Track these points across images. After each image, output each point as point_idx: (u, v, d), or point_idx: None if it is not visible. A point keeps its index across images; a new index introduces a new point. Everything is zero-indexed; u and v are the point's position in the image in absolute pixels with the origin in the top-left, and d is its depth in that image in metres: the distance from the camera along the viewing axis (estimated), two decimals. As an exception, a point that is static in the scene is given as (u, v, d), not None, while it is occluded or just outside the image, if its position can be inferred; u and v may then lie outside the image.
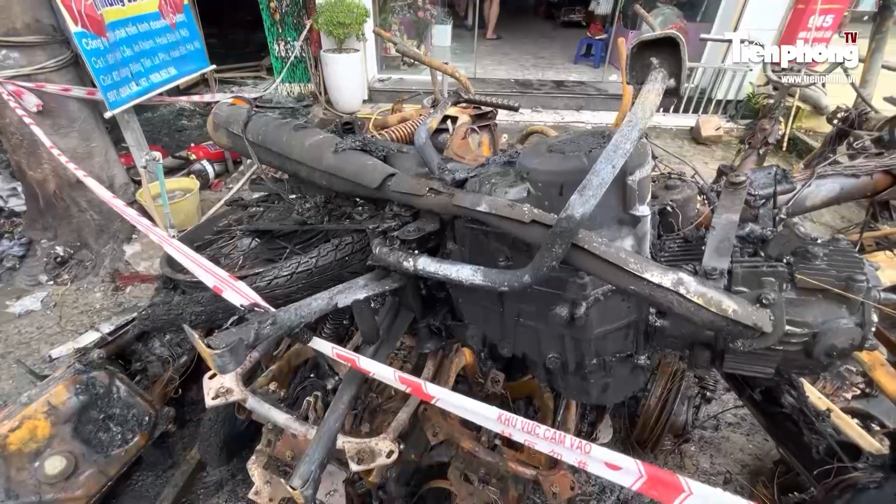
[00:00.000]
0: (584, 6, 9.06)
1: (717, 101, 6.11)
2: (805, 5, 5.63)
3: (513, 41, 8.50)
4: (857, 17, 6.87)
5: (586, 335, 0.77)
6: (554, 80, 6.65)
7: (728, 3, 6.04)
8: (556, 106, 6.25)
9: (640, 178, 0.70)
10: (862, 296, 0.64)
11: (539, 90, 6.34)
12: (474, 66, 6.69)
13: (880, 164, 0.99)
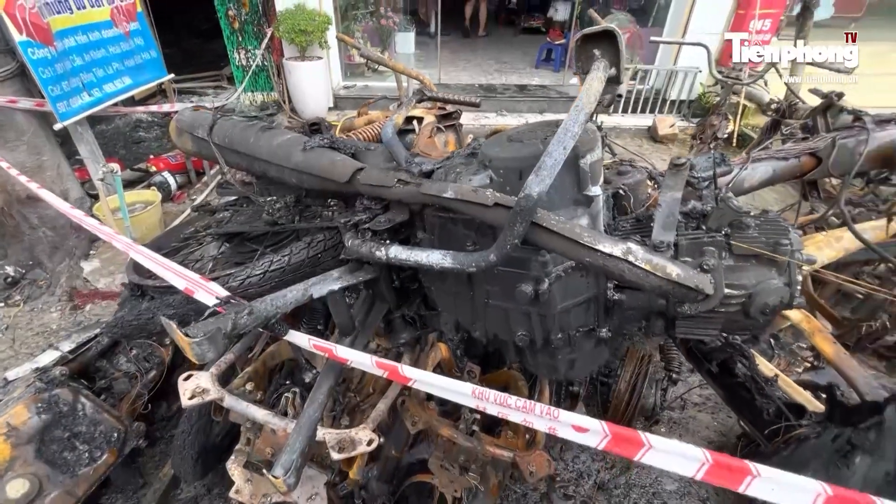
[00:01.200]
0: (543, 13, 9.34)
1: (671, 101, 6.44)
2: (745, 10, 6.01)
3: (474, 47, 8.67)
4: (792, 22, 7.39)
5: (550, 310, 0.82)
6: (517, 84, 6.83)
7: (676, 8, 6.39)
8: (520, 109, 6.41)
9: (592, 161, 0.76)
10: (787, 258, 0.72)
11: (503, 94, 6.50)
12: (439, 71, 6.78)
13: (806, 148, 1.10)
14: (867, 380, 1.07)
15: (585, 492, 2.28)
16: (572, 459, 2.40)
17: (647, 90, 6.43)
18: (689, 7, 6.12)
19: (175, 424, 2.02)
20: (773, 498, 0.64)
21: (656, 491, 2.29)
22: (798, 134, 1.23)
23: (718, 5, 6.03)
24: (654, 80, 6.47)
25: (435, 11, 6.59)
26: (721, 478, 0.67)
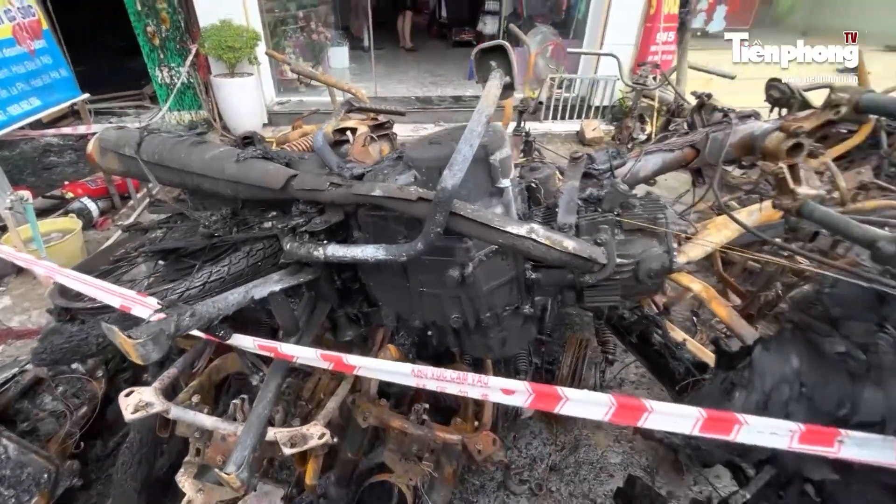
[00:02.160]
0: (473, 27, 9.72)
1: (595, 107, 6.94)
2: (652, 24, 6.62)
3: (409, 60, 8.85)
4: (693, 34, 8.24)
5: (477, 292, 0.92)
6: (452, 95, 7.05)
7: (593, 22, 6.91)
8: (457, 119, 6.61)
9: (501, 157, 0.88)
10: (664, 229, 0.86)
11: (439, 105, 6.69)
12: (374, 85, 6.86)
13: (686, 141, 1.30)
14: (751, 333, 1.27)
15: (539, 475, 2.41)
16: (525, 446, 2.53)
17: (573, 97, 6.89)
18: (604, 21, 6.65)
19: (112, 463, 1.90)
20: (664, 426, 0.76)
21: (603, 465, 2.47)
22: (680, 129, 1.44)
23: (629, 19, 6.61)
24: (579, 88, 6.95)
25: (367, 26, 6.69)
26: (625, 416, 0.79)
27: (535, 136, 6.57)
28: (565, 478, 2.40)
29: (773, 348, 0.92)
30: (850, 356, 0.79)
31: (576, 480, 2.39)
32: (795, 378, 0.85)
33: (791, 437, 0.74)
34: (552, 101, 6.66)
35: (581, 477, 2.41)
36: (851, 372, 0.78)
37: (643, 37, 6.78)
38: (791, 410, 0.85)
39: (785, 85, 1.27)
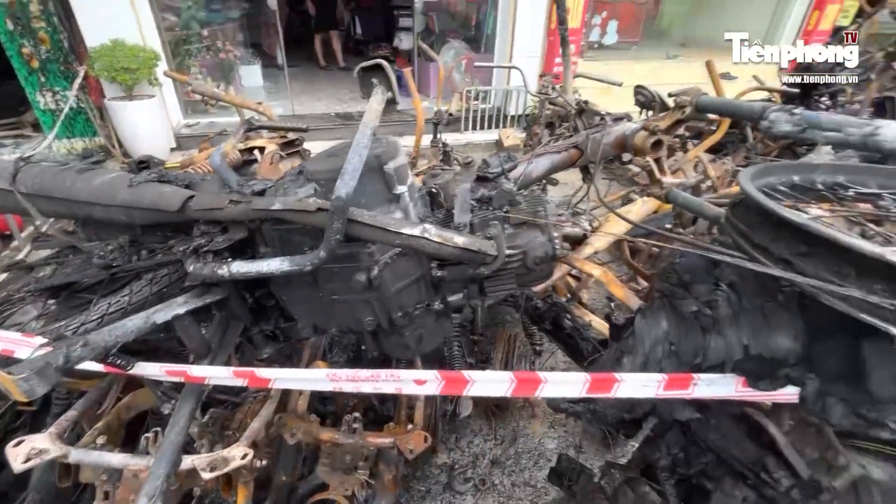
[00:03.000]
0: (389, 42, 9.86)
1: (511, 116, 7.35)
2: (554, 37, 7.15)
3: (327, 77, 8.78)
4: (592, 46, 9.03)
5: (386, 294, 0.97)
6: (372, 110, 7.10)
7: (501, 37, 7.33)
8: (380, 133, 6.66)
9: (395, 166, 0.95)
10: (545, 220, 0.98)
11: (358, 121, 6.70)
12: (291, 103, 6.72)
13: (570, 143, 1.46)
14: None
15: (482, 471, 2.49)
16: (467, 445, 2.61)
17: (489, 108, 7.25)
18: (511, 35, 7.09)
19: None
20: (559, 393, 0.86)
21: (541, 452, 2.61)
22: (565, 133, 1.61)
23: (533, 34, 7.10)
24: (494, 99, 7.32)
25: (279, 43, 6.55)
26: (524, 389, 0.88)
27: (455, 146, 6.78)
28: (507, 469, 2.50)
29: (647, 316, 1.06)
30: (700, 313, 0.94)
31: (517, 470, 2.50)
32: (665, 338, 0.99)
33: (658, 386, 0.87)
34: (470, 112, 6.95)
35: (521, 466, 2.53)
36: (702, 326, 0.93)
37: (547, 49, 7.31)
38: (664, 366, 0.99)
39: (647, 90, 1.47)
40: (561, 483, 1.80)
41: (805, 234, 0.68)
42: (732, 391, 0.83)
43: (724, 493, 0.81)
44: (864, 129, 0.82)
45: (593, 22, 8.52)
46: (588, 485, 1.52)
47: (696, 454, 0.91)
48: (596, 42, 8.77)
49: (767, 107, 1.06)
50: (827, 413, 0.66)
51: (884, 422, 0.61)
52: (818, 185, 1.09)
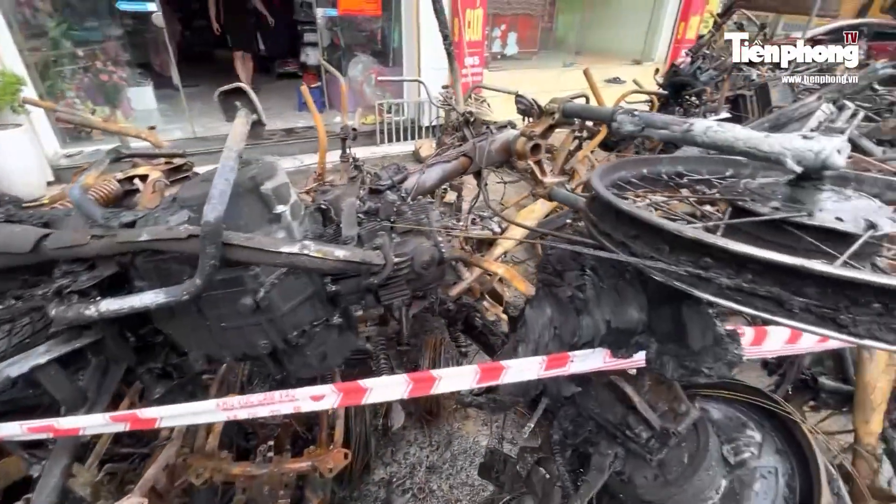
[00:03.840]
0: (296, 58, 9.62)
1: (425, 127, 7.49)
2: (458, 50, 7.43)
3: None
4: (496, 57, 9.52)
5: (277, 314, 0.96)
6: (283, 128, 6.88)
7: (408, 51, 7.47)
8: (291, 152, 6.48)
9: (273, 186, 0.95)
10: (429, 227, 1.04)
11: (270, 139, 6.46)
12: (191, 126, 6.30)
13: (460, 152, 1.55)
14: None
15: (420, 479, 2.50)
16: (403, 456, 2.61)
17: (403, 120, 7.34)
18: (417, 49, 7.25)
19: None
20: (453, 387, 0.92)
21: (476, 450, 2.68)
22: (455, 142, 1.71)
23: (438, 47, 7.30)
24: (407, 111, 7.43)
25: (171, 62, 6.12)
26: (421, 388, 0.92)
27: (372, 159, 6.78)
28: (444, 473, 2.54)
29: (534, 305, 1.15)
30: (574, 297, 1.04)
31: (454, 472, 2.55)
32: (550, 324, 1.08)
33: (540, 367, 0.95)
34: (384, 125, 7.00)
35: (458, 468, 2.58)
36: (576, 308, 1.03)
37: (454, 61, 7.55)
38: (550, 348, 1.08)
39: (525, 99, 1.60)
40: (490, 476, 1.87)
41: (633, 219, 0.79)
42: (601, 363, 0.94)
43: (600, 453, 0.91)
44: (683, 126, 0.97)
45: (494, 34, 9.00)
46: (511, 472, 1.60)
47: (582, 424, 1.01)
48: (499, 53, 9.28)
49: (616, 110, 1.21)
50: (664, 369, 0.78)
51: (700, 369, 0.73)
52: (663, 176, 1.26)
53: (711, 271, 0.67)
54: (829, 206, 0.79)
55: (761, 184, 0.92)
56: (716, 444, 0.84)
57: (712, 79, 4.41)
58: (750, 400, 0.92)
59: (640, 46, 10.10)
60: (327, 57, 7.58)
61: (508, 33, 9.26)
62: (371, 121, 7.09)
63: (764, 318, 0.62)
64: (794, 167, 0.75)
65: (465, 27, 6.95)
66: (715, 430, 0.87)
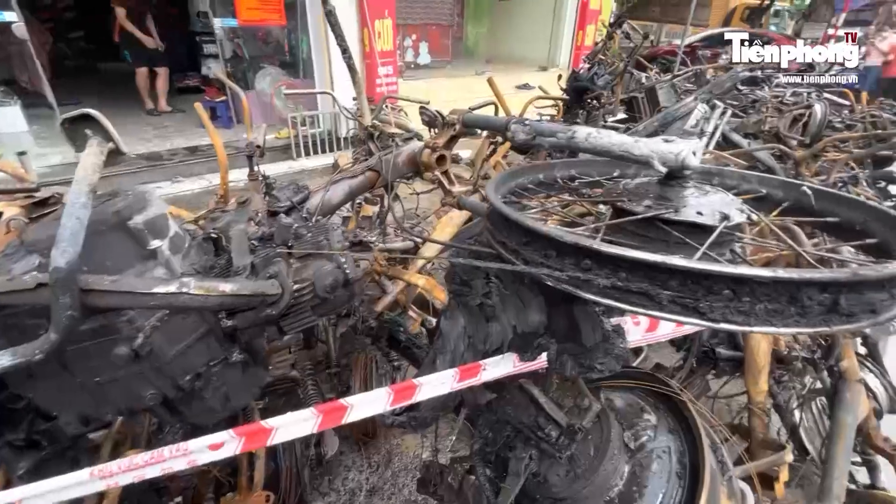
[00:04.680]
0: (197, 71, 8.98)
1: (343, 138, 7.33)
2: (371, 60, 7.38)
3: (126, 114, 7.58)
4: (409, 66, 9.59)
5: (162, 361, 0.87)
6: (186, 147, 6.36)
7: (318, 62, 7.28)
8: (198, 171, 6.02)
9: (145, 219, 0.86)
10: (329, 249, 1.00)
11: (171, 160, 5.95)
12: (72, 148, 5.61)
13: (365, 166, 1.52)
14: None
15: (361, 503, 2.41)
16: (342, 483, 2.50)
17: (320, 132, 7.13)
18: (328, 59, 7.10)
19: None
20: (367, 412, 0.89)
21: (417, 465, 2.64)
22: (362, 157, 1.69)
23: (350, 57, 7.20)
24: (324, 123, 7.22)
25: (42, 79, 5.41)
26: (330, 420, 0.88)
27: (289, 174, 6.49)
28: (385, 494, 2.47)
29: (448, 316, 1.15)
30: (483, 305, 1.05)
31: (395, 491, 2.49)
32: (464, 333, 1.08)
33: (453, 379, 0.95)
34: (299, 138, 6.75)
35: (400, 485, 2.52)
36: (486, 316, 1.04)
37: (367, 72, 7.51)
38: (465, 358, 1.08)
39: (429, 110, 1.61)
40: (429, 490, 1.84)
41: (523, 227, 0.82)
42: (511, 367, 0.96)
43: (516, 457, 0.93)
44: (568, 133, 1.02)
45: (406, 44, 9.08)
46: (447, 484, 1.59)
47: (500, 430, 1.02)
48: (412, 62, 9.37)
49: (510, 120, 1.25)
50: (564, 368, 0.81)
51: (594, 365, 0.77)
52: (558, 180, 1.32)
53: (591, 273, 0.71)
54: (692, 201, 0.87)
55: (637, 184, 0.99)
56: (618, 432, 0.90)
57: (608, 83, 4.76)
58: (646, 386, 0.99)
59: (544, 54, 10.74)
60: (231, 69, 7.17)
61: (420, 43, 9.39)
62: (285, 135, 6.81)
63: (638, 312, 0.67)
64: (660, 168, 0.82)
65: (375, 37, 6.93)
66: (618, 418, 0.92)
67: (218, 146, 2.26)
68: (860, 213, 0.93)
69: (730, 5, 18.02)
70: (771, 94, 4.84)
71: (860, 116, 4.59)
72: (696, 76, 4.98)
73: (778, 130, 3.51)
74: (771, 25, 18.40)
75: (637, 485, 0.82)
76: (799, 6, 23.75)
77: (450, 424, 2.56)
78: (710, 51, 10.99)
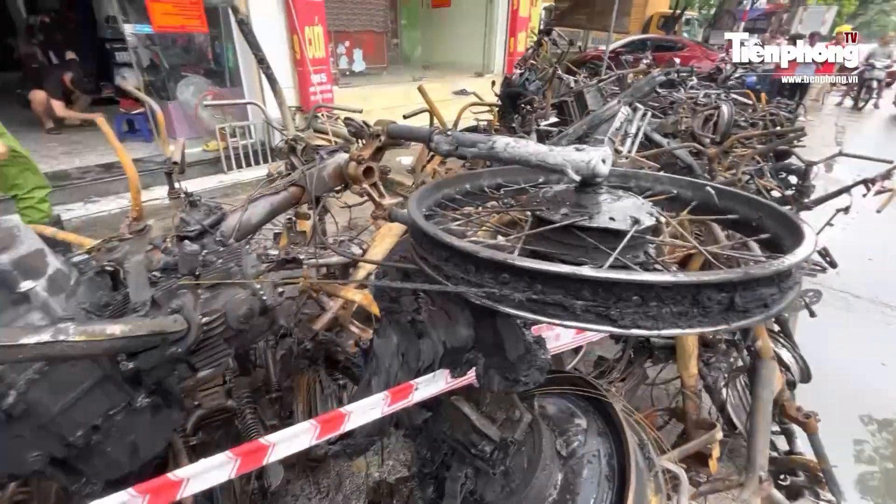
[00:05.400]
0: (110, 81, 8.28)
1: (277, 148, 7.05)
2: (302, 68, 7.16)
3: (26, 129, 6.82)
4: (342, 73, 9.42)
5: (45, 417, 0.76)
6: (100, 164, 5.83)
7: (246, 71, 6.97)
8: (115, 190, 5.53)
9: (13, 259, 0.75)
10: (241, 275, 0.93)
11: (83, 179, 5.43)
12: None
13: (288, 182, 1.44)
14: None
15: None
16: (290, 513, 2.37)
17: (252, 143, 6.81)
18: (257, 69, 6.79)
19: None
20: (291, 450, 0.83)
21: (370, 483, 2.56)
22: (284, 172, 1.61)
23: (279, 65, 6.95)
24: (256, 134, 6.91)
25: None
26: (250, 462, 0.81)
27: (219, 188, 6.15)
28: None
29: (381, 334, 1.10)
30: (414, 321, 1.02)
31: (349, 514, 2.39)
32: (397, 351, 1.04)
33: (384, 403, 0.92)
34: (229, 150, 6.41)
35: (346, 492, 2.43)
36: (418, 332, 1.01)
37: (300, 80, 7.30)
38: (400, 377, 1.04)
39: (355, 121, 1.56)
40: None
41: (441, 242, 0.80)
42: (444, 385, 0.94)
43: (452, 478, 0.91)
44: (488, 143, 1.01)
45: (339, 51, 8.91)
46: None
47: (438, 449, 1.00)
48: (347, 69, 9.21)
49: (433, 130, 1.23)
50: (491, 383, 0.80)
51: (519, 378, 0.77)
52: (485, 189, 1.32)
53: (509, 286, 0.70)
54: (606, 207, 0.90)
55: (556, 192, 1.01)
56: (550, 441, 0.90)
57: (539, 89, 4.92)
58: (576, 391, 1.01)
59: (479, 60, 10.97)
60: (149, 78, 6.68)
61: (354, 50, 9.25)
62: (214, 147, 6.44)
63: (555, 323, 0.67)
64: (573, 176, 0.83)
65: (306, 44, 6.74)
66: (550, 426, 0.93)
67: (126, 163, 2.06)
68: (755, 209, 1.01)
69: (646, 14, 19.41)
70: (686, 96, 5.23)
71: (761, 115, 5.08)
72: (619, 80, 5.28)
73: (693, 130, 3.79)
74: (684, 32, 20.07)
75: (570, 492, 0.83)
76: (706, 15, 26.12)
77: (399, 438, 2.51)
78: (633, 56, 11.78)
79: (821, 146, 4.95)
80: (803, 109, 8.82)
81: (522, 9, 10.24)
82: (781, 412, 2.18)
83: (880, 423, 3.09)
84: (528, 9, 10.46)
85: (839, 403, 3.06)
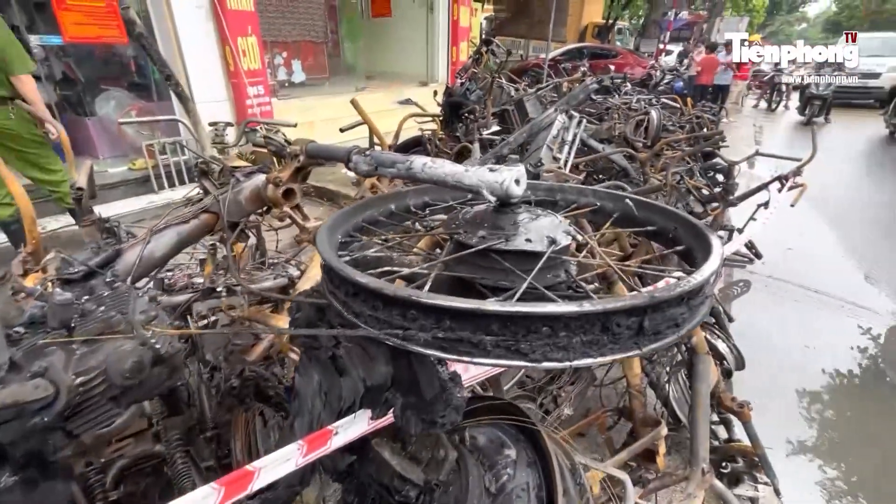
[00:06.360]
0: (19, 97, 7.53)
1: (214, 165, 6.68)
2: (237, 80, 6.86)
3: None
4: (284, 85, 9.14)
5: None
6: (11, 187, 5.25)
7: (175, 83, 6.56)
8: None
9: None
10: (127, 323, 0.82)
11: None
12: None
13: (199, 208, 1.32)
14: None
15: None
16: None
17: (186, 160, 6.42)
18: (185, 80, 6.43)
19: None
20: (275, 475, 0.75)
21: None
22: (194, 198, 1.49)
23: (211, 78, 6.62)
24: (188, 150, 6.51)
25: None
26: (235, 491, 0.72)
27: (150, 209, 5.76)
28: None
29: (302, 372, 1.02)
30: (335, 357, 0.94)
31: (297, 555, 2.24)
32: (320, 389, 0.96)
33: (300, 454, 0.83)
34: (159, 168, 6.01)
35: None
36: (338, 369, 0.94)
37: (235, 93, 6.98)
38: (323, 419, 0.96)
39: (276, 140, 1.47)
40: (325, 553, 1.67)
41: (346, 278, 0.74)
42: (366, 426, 0.87)
43: (378, 528, 0.85)
44: (406, 163, 0.96)
45: (277, 62, 8.63)
46: (340, 546, 1.45)
47: (365, 493, 0.93)
48: (286, 81, 8.92)
49: (352, 150, 1.16)
50: (409, 425, 0.75)
51: (436, 420, 0.72)
52: (411, 209, 1.27)
53: (418, 323, 0.65)
54: (523, 227, 0.87)
55: (475, 212, 0.97)
56: (478, 478, 0.86)
57: (480, 98, 4.97)
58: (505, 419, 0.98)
59: (423, 69, 11.00)
60: (62, 93, 6.14)
61: (293, 60, 8.99)
62: (141, 165, 6.01)
63: (465, 361, 0.63)
64: (489, 197, 0.80)
65: (240, 56, 6.47)
66: (480, 459, 0.89)
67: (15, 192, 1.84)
68: (670, 221, 1.02)
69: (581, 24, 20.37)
70: (620, 102, 5.48)
71: (687, 118, 5.40)
72: (556, 88, 5.45)
73: (625, 135, 3.94)
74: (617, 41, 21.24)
75: (500, 532, 0.79)
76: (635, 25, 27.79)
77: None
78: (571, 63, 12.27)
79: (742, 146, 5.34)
80: (725, 112, 9.53)
81: (463, 19, 10.40)
82: (718, 403, 2.28)
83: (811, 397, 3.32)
84: (468, 19, 10.64)
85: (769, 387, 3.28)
